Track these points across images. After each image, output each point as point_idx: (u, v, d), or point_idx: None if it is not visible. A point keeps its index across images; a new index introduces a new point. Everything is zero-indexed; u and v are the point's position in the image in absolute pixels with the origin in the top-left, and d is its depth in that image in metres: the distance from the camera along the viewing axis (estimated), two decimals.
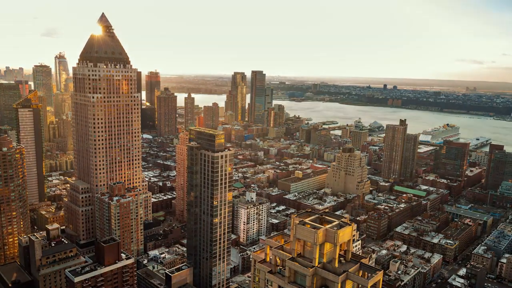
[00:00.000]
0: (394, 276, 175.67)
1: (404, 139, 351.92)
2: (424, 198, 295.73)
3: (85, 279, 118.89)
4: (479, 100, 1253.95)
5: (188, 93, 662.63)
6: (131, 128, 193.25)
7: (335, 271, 71.78)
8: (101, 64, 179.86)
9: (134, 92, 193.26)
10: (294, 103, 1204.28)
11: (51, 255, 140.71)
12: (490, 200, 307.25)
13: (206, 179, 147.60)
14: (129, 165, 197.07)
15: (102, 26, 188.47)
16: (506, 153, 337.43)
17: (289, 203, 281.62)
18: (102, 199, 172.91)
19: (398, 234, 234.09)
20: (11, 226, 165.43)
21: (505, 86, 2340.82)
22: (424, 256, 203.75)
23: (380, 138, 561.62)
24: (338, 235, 71.41)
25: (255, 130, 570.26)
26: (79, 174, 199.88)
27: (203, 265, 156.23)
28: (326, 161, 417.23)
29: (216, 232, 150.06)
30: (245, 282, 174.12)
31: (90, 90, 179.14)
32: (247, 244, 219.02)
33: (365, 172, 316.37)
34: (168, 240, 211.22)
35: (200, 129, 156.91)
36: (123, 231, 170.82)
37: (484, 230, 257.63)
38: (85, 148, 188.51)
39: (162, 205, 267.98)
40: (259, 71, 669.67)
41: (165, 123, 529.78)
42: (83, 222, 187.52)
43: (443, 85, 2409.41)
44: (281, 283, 75.36)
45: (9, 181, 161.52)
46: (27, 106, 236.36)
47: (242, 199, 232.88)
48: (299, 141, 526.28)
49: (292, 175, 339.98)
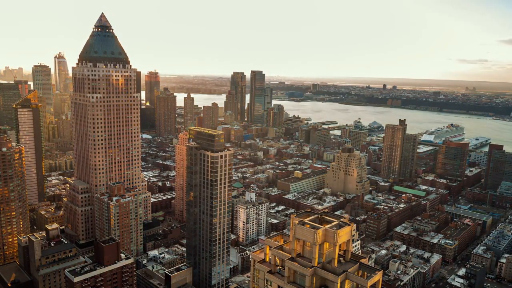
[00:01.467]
0: (394, 276, 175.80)
1: (404, 139, 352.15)
2: (423, 198, 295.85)
3: (85, 279, 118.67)
4: (478, 100, 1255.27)
5: (188, 93, 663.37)
6: (130, 128, 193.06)
7: (335, 271, 71.76)
8: (101, 64, 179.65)
9: (134, 92, 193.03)
10: (294, 103, 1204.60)
11: (50, 255, 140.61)
12: (490, 200, 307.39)
13: (205, 179, 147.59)
14: (129, 165, 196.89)
15: (101, 26, 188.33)
16: (506, 153, 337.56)
17: (289, 203, 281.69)
18: (101, 199, 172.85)
19: (397, 234, 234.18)
20: (11, 226, 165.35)
21: (505, 86, 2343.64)
22: (424, 256, 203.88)
23: (379, 138, 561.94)
24: (338, 235, 71.40)
25: (255, 130, 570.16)
26: (78, 174, 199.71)
27: (203, 265, 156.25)
28: (326, 161, 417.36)
29: (216, 232, 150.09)
30: (244, 282, 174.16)
31: (90, 90, 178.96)
32: (246, 244, 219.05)
33: (364, 172, 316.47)
34: (168, 240, 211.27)
35: (200, 129, 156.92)
36: (123, 231, 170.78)
37: (483, 230, 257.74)
38: (85, 148, 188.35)
39: (161, 205, 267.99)
40: (258, 71, 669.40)
41: (164, 123, 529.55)
42: (82, 222, 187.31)
43: (442, 85, 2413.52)
44: (280, 283, 75.33)
45: (9, 181, 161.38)
46: (26, 106, 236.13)
47: (241, 199, 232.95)
48: (299, 141, 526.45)
49: (291, 175, 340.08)
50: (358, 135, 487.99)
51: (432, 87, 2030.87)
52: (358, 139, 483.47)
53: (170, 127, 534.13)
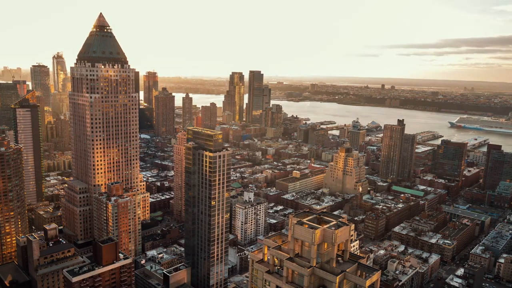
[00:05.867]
0: (392, 276, 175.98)
1: (402, 139, 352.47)
2: (422, 198, 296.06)
3: (83, 279, 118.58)
4: (477, 100, 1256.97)
5: (186, 93, 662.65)
6: (129, 128, 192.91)
7: (333, 271, 71.88)
8: (99, 64, 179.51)
9: (132, 92, 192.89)
10: (292, 103, 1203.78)
11: (49, 255, 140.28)
12: (488, 200, 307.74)
13: (204, 179, 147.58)
14: (127, 165, 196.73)
15: (100, 26, 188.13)
16: (504, 153, 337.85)
17: (287, 203, 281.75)
18: (100, 199, 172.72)
19: (396, 234, 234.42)
20: (9, 226, 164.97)
21: (503, 86, 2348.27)
22: (422, 256, 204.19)
23: (378, 138, 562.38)
24: (336, 235, 71.53)
25: (253, 130, 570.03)
26: (77, 174, 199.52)
27: (201, 265, 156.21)
28: (324, 161, 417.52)
29: (214, 232, 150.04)
30: (243, 282, 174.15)
31: (88, 90, 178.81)
32: (245, 244, 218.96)
33: (363, 172, 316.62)
34: (166, 240, 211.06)
35: (198, 129, 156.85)
36: (121, 231, 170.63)
37: (482, 230, 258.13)
38: (83, 148, 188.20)
39: (160, 205, 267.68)
40: (256, 71, 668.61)
41: (163, 123, 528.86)
42: (81, 222, 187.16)
43: (441, 85, 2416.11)
44: (279, 283, 75.42)
45: (7, 181, 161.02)
46: (25, 106, 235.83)
47: (240, 199, 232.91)
48: (297, 141, 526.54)
49: (290, 175, 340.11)
50: (356, 135, 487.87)
51: (431, 87, 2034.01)
52: (357, 139, 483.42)
53: (168, 127, 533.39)
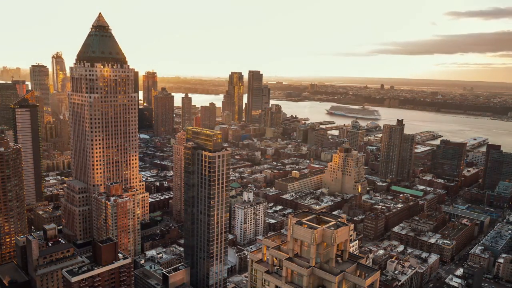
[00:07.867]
0: (391, 276, 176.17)
1: (401, 139, 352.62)
2: (421, 198, 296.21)
3: (82, 279, 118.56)
4: (476, 100, 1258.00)
5: (185, 93, 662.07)
6: (128, 128, 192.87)
7: (332, 271, 71.87)
8: (98, 64, 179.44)
9: (131, 92, 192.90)
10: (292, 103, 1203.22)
11: (48, 255, 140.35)
12: (487, 200, 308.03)
13: (203, 179, 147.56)
14: (126, 165, 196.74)
15: (99, 26, 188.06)
16: (503, 153, 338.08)
17: (286, 203, 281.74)
18: (99, 199, 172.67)
19: (395, 234, 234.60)
20: (8, 226, 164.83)
21: (503, 86, 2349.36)
22: (421, 256, 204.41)
23: (377, 138, 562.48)
24: (335, 235, 71.53)
25: (252, 130, 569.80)
26: (76, 174, 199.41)
27: (200, 265, 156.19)
28: (323, 161, 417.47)
29: (213, 232, 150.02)
30: (242, 282, 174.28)
31: (87, 90, 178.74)
32: (244, 244, 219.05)
33: (362, 172, 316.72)
34: (165, 240, 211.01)
35: (197, 129, 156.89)
36: (120, 231, 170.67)
37: (481, 230, 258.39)
38: (82, 148, 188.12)
39: (159, 205, 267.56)
40: (256, 71, 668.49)
41: (162, 123, 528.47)
42: (80, 222, 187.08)
43: (440, 85, 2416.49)
44: (278, 283, 75.39)
45: (6, 181, 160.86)
46: (24, 106, 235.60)
47: (239, 199, 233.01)
48: (296, 141, 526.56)
49: (289, 175, 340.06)
50: (355, 135, 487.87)
51: (430, 87, 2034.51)
52: (356, 139, 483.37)
53: (168, 127, 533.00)
